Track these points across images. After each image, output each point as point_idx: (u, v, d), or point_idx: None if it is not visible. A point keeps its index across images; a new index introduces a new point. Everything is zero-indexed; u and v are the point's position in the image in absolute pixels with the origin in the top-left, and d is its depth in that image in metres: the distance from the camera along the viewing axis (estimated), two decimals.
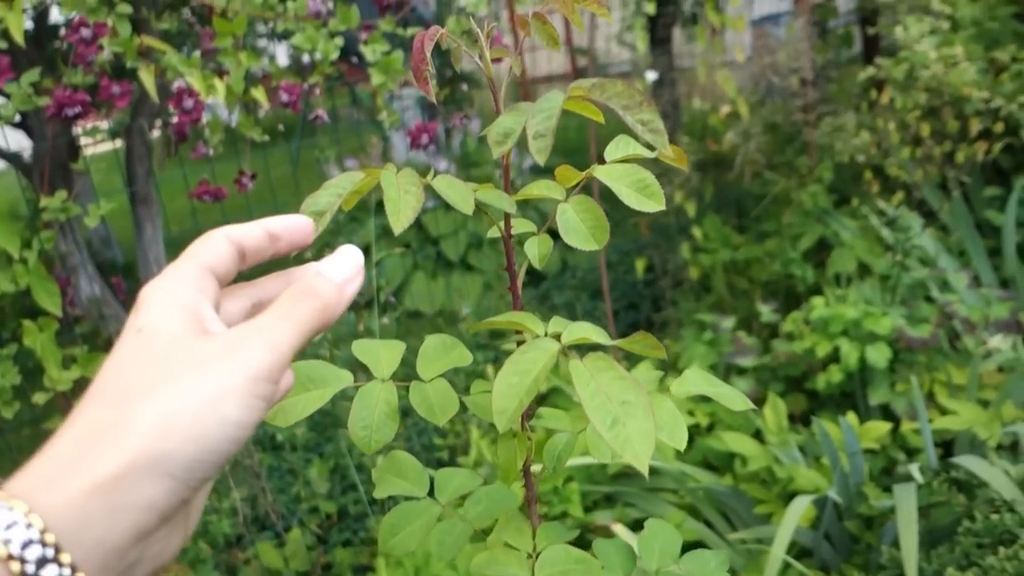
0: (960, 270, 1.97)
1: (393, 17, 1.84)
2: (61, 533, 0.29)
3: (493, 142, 0.48)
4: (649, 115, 0.43)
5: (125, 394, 0.33)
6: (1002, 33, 2.31)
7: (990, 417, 1.59)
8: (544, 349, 0.49)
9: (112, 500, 0.30)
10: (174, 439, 0.31)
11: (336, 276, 0.40)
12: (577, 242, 0.56)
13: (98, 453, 0.31)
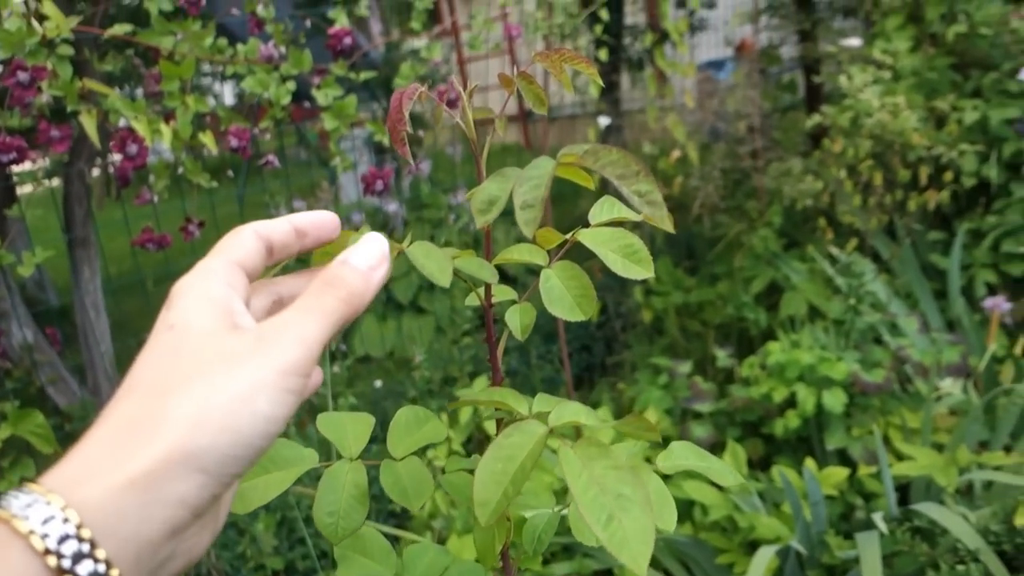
0: (910, 314, 2.00)
1: (345, 61, 1.81)
2: (96, 528, 0.29)
3: (477, 210, 0.45)
4: (647, 186, 0.40)
5: (159, 389, 0.33)
6: (940, 83, 2.39)
7: (946, 462, 1.60)
8: (530, 433, 0.45)
9: (146, 495, 0.31)
10: (207, 434, 0.32)
11: (362, 263, 0.40)
12: (562, 312, 0.53)
13: (132, 448, 0.31)
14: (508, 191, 0.45)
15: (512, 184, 0.45)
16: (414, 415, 0.61)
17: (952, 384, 1.86)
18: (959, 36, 2.37)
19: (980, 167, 2.27)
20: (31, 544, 0.28)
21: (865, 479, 1.79)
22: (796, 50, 3.04)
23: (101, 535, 0.30)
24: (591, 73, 0.51)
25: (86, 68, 1.79)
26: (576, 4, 2.46)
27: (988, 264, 2.22)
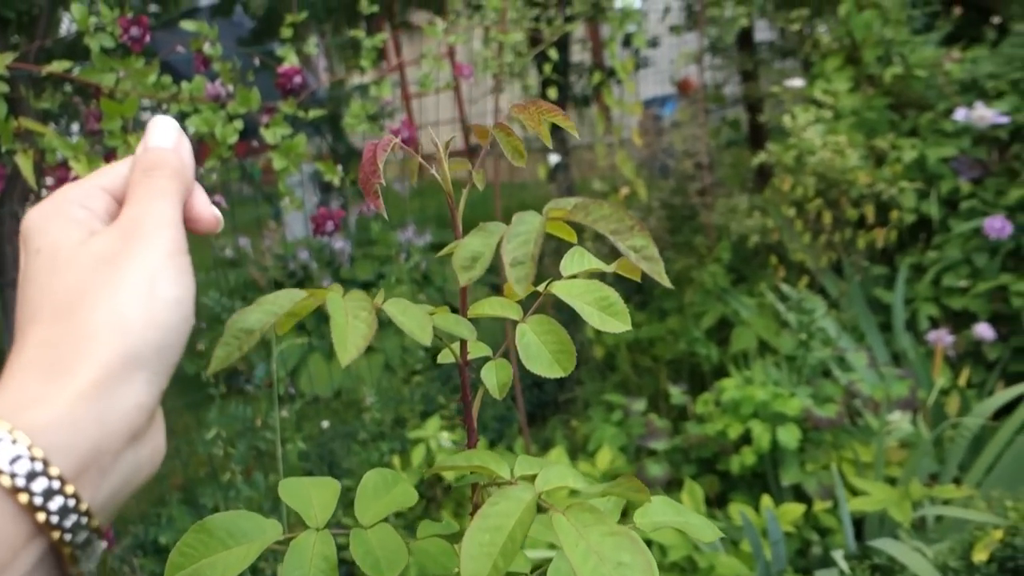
0: (858, 349, 2.03)
1: (295, 100, 1.78)
2: (52, 447, 0.29)
3: (460, 267, 0.43)
4: (642, 241, 0.39)
5: (63, 309, 0.33)
6: (879, 123, 2.46)
7: (900, 496, 1.61)
8: (517, 499, 0.43)
9: (99, 405, 0.31)
10: (135, 333, 0.33)
11: (165, 143, 0.41)
12: (541, 368, 0.51)
13: (68, 367, 0.31)
14: (492, 246, 0.43)
15: (496, 239, 0.43)
16: (382, 478, 0.57)
17: (901, 417, 1.89)
18: (896, 77, 2.45)
19: (919, 204, 2.34)
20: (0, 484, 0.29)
21: (821, 515, 1.79)
22: (739, 89, 3.11)
23: (58, 453, 0.30)
24: (569, 126, 0.50)
25: (21, 106, 1.73)
26: (525, 43, 2.48)
27: (930, 298, 2.27)
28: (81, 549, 0.31)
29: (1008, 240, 2.17)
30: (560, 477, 0.45)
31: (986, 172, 2.34)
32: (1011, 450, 1.69)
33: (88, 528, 0.31)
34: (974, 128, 2.30)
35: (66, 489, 0.30)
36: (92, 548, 0.31)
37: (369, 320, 0.43)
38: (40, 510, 0.29)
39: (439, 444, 2.30)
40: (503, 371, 0.51)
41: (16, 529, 0.29)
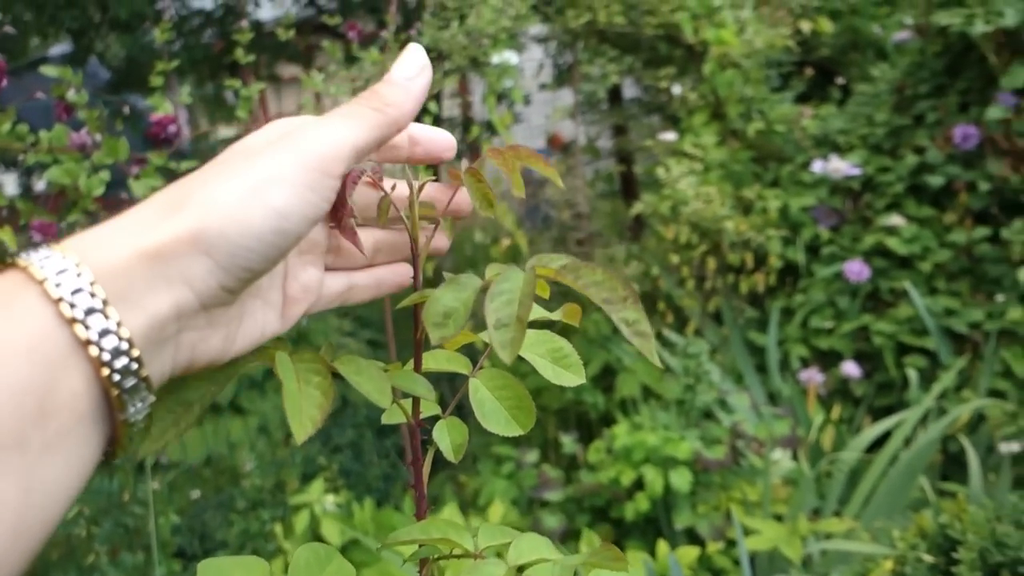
0: (739, 391, 2.10)
1: (166, 151, 1.69)
2: (108, 288, 0.30)
3: (431, 324, 0.39)
4: (635, 315, 0.36)
5: (193, 181, 0.34)
6: (744, 174, 2.60)
7: (790, 533, 1.66)
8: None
9: (153, 268, 0.31)
10: (216, 219, 0.32)
11: (397, 73, 0.40)
12: (497, 427, 0.47)
13: (152, 225, 0.32)
14: (466, 302, 0.40)
15: (470, 295, 0.40)
16: (314, 554, 0.52)
17: (783, 455, 1.96)
18: (758, 132, 2.60)
19: (785, 250, 2.47)
20: (46, 290, 0.29)
21: (714, 556, 1.82)
22: (611, 143, 3.22)
23: (113, 296, 0.30)
24: (552, 173, 0.48)
25: None
26: None
27: (799, 339, 2.39)
28: (129, 395, 0.31)
29: (866, 283, 2.32)
30: (535, 549, 0.42)
31: (842, 220, 2.50)
32: (885, 482, 1.78)
33: (138, 375, 0.31)
34: (830, 179, 2.46)
35: (121, 332, 0.30)
36: (140, 396, 0.31)
37: (324, 386, 0.39)
38: (92, 344, 0.29)
39: (324, 509, 2.19)
40: (456, 431, 0.48)
41: (74, 361, 0.29)
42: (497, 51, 2.67)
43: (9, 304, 0.29)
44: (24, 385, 0.28)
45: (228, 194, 0.33)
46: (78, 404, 0.29)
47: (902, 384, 2.25)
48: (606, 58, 2.97)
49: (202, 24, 4.46)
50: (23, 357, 0.28)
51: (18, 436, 0.27)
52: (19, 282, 0.30)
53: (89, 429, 0.30)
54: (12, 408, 0.27)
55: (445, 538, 0.43)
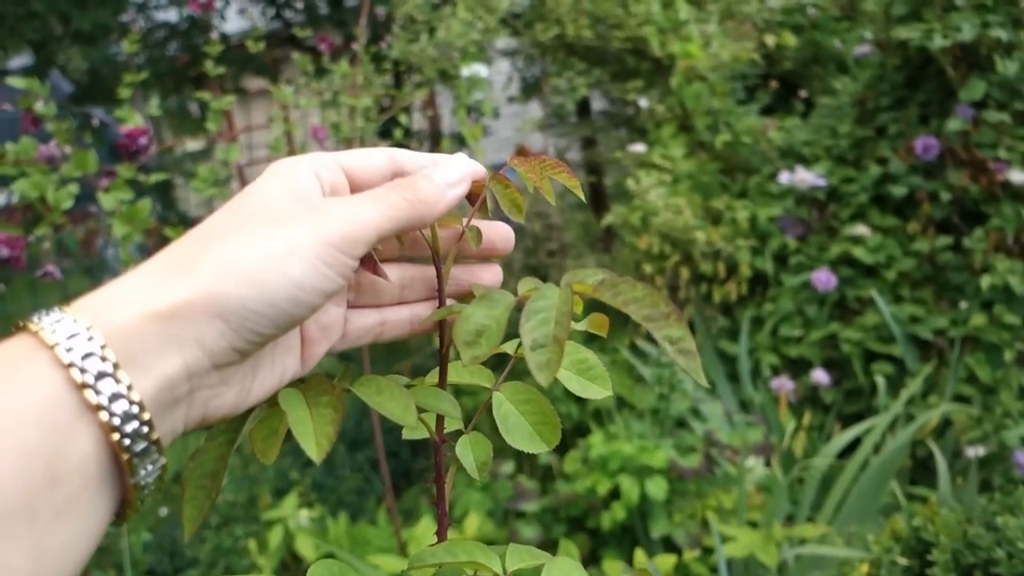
0: (712, 399, 2.12)
1: (134, 163, 1.67)
2: (117, 352, 0.30)
3: (463, 343, 0.38)
4: (679, 332, 0.36)
5: (206, 237, 0.34)
6: (712, 185, 2.63)
7: (765, 539, 1.67)
8: None
9: (164, 331, 0.31)
10: (232, 283, 0.32)
11: (439, 176, 0.40)
12: (521, 443, 0.46)
13: (165, 285, 0.32)
14: (499, 320, 0.39)
15: (503, 312, 0.39)
16: (327, 571, 0.51)
17: (756, 462, 1.98)
18: (725, 144, 2.64)
19: (754, 260, 2.50)
20: (56, 356, 0.29)
21: (691, 563, 1.83)
22: (580, 156, 3.24)
23: (124, 359, 0.30)
24: (575, 186, 0.47)
25: None
26: (375, 109, 2.47)
27: (769, 347, 2.42)
28: (139, 458, 0.31)
29: (834, 291, 2.36)
30: (566, 573, 0.41)
31: (809, 230, 2.54)
32: (857, 487, 1.80)
33: (148, 439, 0.31)
34: (796, 189, 2.50)
35: (132, 396, 0.30)
36: (150, 459, 0.31)
37: (333, 403, 0.38)
38: (102, 409, 0.29)
39: (298, 524, 2.17)
40: (480, 448, 0.47)
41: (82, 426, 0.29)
42: (467, 64, 2.68)
43: (19, 370, 0.29)
44: (33, 452, 0.28)
45: (247, 260, 0.33)
46: (87, 468, 0.29)
47: (870, 391, 2.29)
48: (574, 71, 2.99)
49: (167, 37, 4.42)
50: (32, 424, 0.28)
51: (27, 504, 0.27)
52: (30, 347, 0.30)
53: (99, 493, 0.30)
54: (21, 476, 0.27)
55: (472, 560, 0.42)
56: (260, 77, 4.96)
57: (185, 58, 4.52)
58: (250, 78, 5.11)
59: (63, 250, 4.53)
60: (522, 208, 0.45)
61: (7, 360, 0.29)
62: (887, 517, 1.77)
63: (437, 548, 0.42)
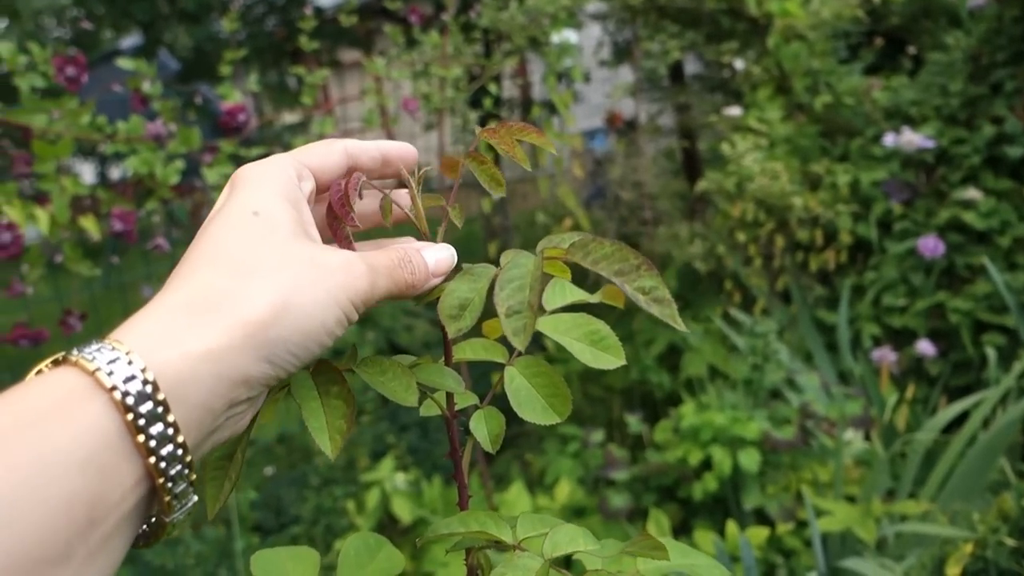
0: (808, 370, 2.07)
1: (235, 138, 1.73)
2: (169, 392, 0.31)
3: (447, 316, 0.39)
4: (651, 281, 0.36)
5: (246, 268, 0.35)
6: (811, 149, 2.53)
7: (863, 514, 1.63)
8: (525, 569, 0.39)
9: (219, 368, 0.32)
10: (284, 328, 0.34)
11: (432, 264, 0.43)
12: (533, 415, 0.47)
13: (213, 319, 0.32)
14: (481, 291, 0.40)
15: (485, 283, 0.40)
16: (364, 543, 0.52)
17: (855, 436, 1.92)
18: (825, 106, 2.53)
19: (855, 226, 2.41)
20: (114, 399, 0.29)
21: (784, 536, 1.80)
22: (673, 121, 3.17)
23: (172, 399, 0.31)
24: (546, 143, 0.48)
25: None
26: (465, 79, 2.48)
27: (871, 317, 2.33)
28: (177, 498, 0.32)
29: (941, 259, 2.25)
30: (570, 540, 0.42)
31: (915, 194, 2.43)
32: (963, 463, 1.73)
33: (187, 479, 0.32)
34: (902, 152, 2.38)
35: (177, 438, 0.31)
36: (186, 500, 0.32)
37: (343, 394, 0.40)
38: (152, 453, 0.30)
39: (394, 486, 2.23)
40: (493, 421, 0.48)
41: (128, 468, 0.29)
42: (556, 30, 2.65)
43: (72, 411, 0.29)
44: (78, 498, 0.28)
45: (296, 307, 0.35)
46: (124, 507, 0.30)
47: (979, 363, 2.18)
48: (667, 34, 2.92)
49: (265, 13, 4.53)
50: (79, 468, 0.28)
51: (65, 551, 0.27)
52: (85, 387, 0.29)
53: (130, 527, 0.30)
54: (63, 523, 0.27)
55: (483, 531, 0.43)
56: (353, 49, 5.04)
57: (282, 33, 4.63)
58: (344, 51, 5.20)
59: (173, 221, 4.76)
60: (501, 182, 0.46)
61: (58, 398, 0.29)
62: (995, 495, 1.69)
63: (452, 519, 0.43)
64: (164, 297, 0.34)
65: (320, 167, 0.43)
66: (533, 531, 0.45)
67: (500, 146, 0.47)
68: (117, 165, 4.35)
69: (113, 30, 4.07)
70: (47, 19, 4.71)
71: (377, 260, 0.40)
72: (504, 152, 0.47)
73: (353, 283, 0.37)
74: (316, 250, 0.37)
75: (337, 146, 0.43)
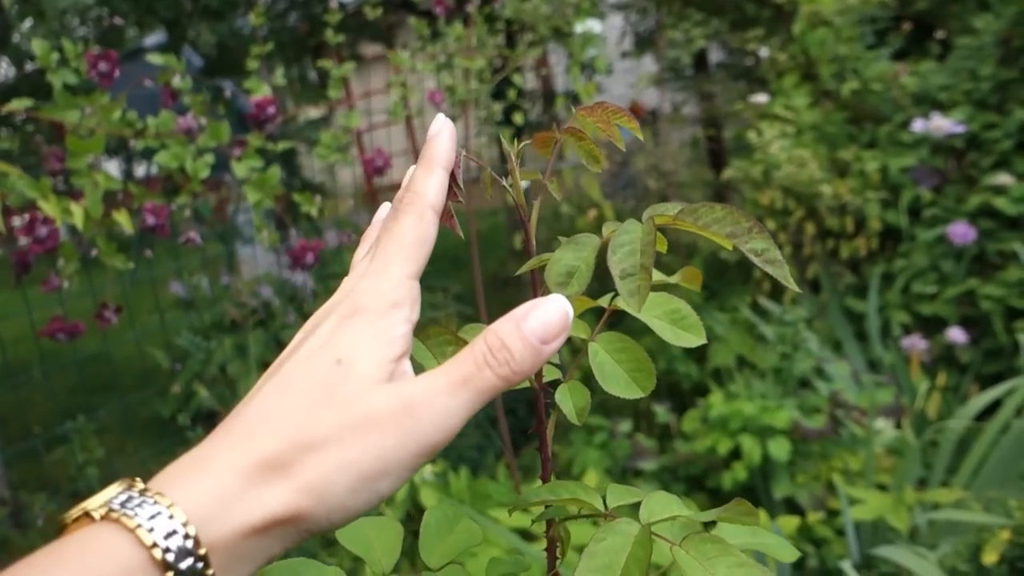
0: (838, 359, 2.05)
1: (262, 132, 1.74)
2: (216, 564, 0.30)
3: (554, 283, 0.40)
4: (763, 243, 0.37)
5: (301, 436, 0.33)
6: (838, 136, 2.51)
7: (896, 502, 1.62)
8: (624, 534, 0.40)
9: (259, 543, 0.32)
10: (325, 507, 0.32)
11: (536, 332, 0.35)
12: (618, 389, 0.49)
13: (262, 496, 0.32)
14: (587, 260, 0.41)
15: (591, 252, 0.41)
16: (443, 515, 0.54)
17: (885, 424, 1.91)
18: (852, 92, 2.51)
19: (884, 213, 2.38)
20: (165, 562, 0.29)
21: (815, 525, 1.79)
22: (697, 110, 3.15)
23: (218, 568, 0.30)
24: (633, 127, 0.48)
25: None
26: (488, 70, 2.48)
27: (900, 305, 2.31)
28: None
29: (972, 245, 2.22)
30: (665, 506, 0.42)
31: (944, 180, 2.40)
32: (997, 451, 1.71)
33: None
34: (931, 138, 2.36)
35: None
36: None
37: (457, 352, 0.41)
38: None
39: (422, 477, 2.25)
40: (579, 394, 0.49)
41: None
42: (580, 20, 2.64)
43: None
44: None
45: (343, 484, 0.32)
46: None
47: (1012, 350, 2.16)
48: (691, 22, 2.90)
49: (287, 8, 4.55)
50: None
51: None
52: (142, 562, 0.29)
53: None
54: None
55: (575, 498, 0.43)
56: (376, 43, 5.05)
57: (305, 28, 4.65)
58: (366, 45, 5.21)
59: (197, 217, 4.80)
60: (599, 159, 0.46)
61: (108, 561, 0.29)
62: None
63: (541, 488, 0.44)
64: (222, 452, 0.33)
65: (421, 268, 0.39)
66: (623, 500, 0.45)
67: (598, 125, 0.47)
68: (140, 163, 4.39)
69: (137, 27, 4.11)
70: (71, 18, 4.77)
71: (451, 385, 0.34)
72: (602, 132, 0.47)
73: (418, 438, 0.33)
74: (381, 401, 0.34)
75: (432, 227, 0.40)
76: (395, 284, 0.37)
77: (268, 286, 4.07)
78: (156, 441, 2.44)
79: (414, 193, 0.39)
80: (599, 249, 0.41)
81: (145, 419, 2.98)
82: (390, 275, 0.37)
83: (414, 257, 0.38)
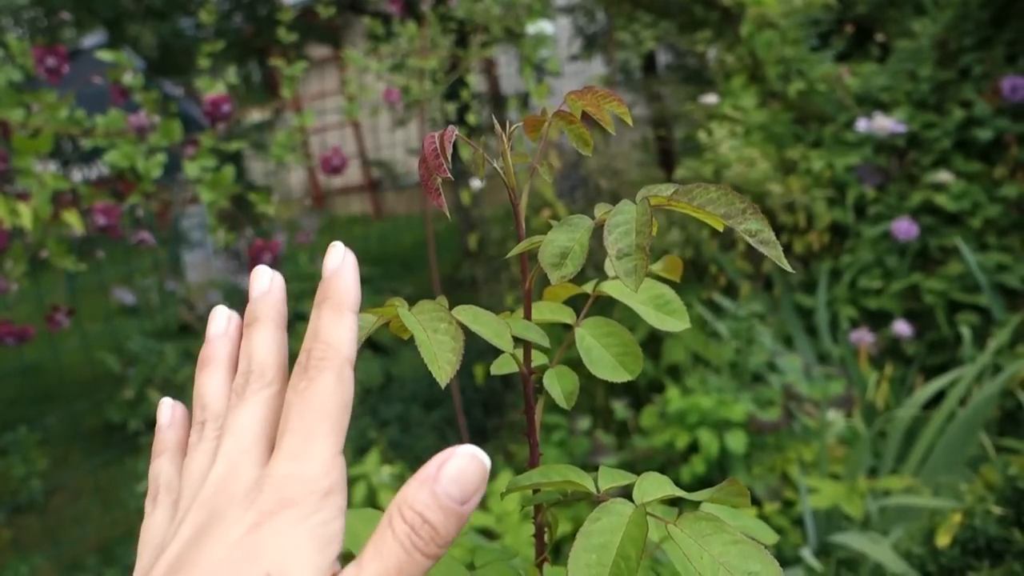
0: (790, 353, 2.10)
1: (216, 131, 1.71)
2: None
3: (548, 264, 0.40)
4: (757, 224, 0.37)
5: None
6: (786, 136, 2.57)
7: (849, 491, 1.66)
8: (618, 513, 0.40)
9: None
10: None
11: (454, 496, 0.30)
12: (605, 373, 0.49)
13: None
14: (581, 241, 0.41)
15: (584, 233, 0.41)
16: None
17: (836, 416, 1.95)
18: (799, 92, 2.57)
19: (831, 211, 2.45)
20: None
21: (772, 516, 1.83)
22: (647, 112, 3.19)
23: None
24: (623, 112, 0.48)
25: None
26: (441, 71, 2.47)
27: (848, 300, 2.38)
28: None
29: (915, 241, 2.30)
30: (658, 487, 0.43)
31: (888, 178, 2.47)
32: (944, 439, 1.77)
33: None
34: (874, 137, 2.43)
35: None
36: None
37: (452, 331, 0.41)
38: None
39: (380, 479, 2.23)
40: (567, 379, 0.49)
41: None
42: (532, 21, 2.66)
43: None
44: None
45: None
46: None
47: (954, 342, 2.23)
48: (641, 24, 2.94)
49: (231, 9, 4.47)
50: None
51: None
52: None
53: None
54: None
55: (567, 480, 0.44)
56: (324, 45, 5.00)
57: (250, 29, 4.58)
58: (314, 47, 5.16)
59: (137, 222, 4.69)
60: (589, 142, 0.47)
61: None
62: (974, 470, 1.73)
63: (532, 472, 0.44)
64: None
65: None
66: (614, 483, 0.46)
67: (589, 108, 0.48)
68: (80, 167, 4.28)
69: (75, 28, 4.00)
70: (3, 18, 4.62)
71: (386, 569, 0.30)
72: (593, 115, 0.48)
73: None
74: None
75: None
76: (325, 467, 0.31)
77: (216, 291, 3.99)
78: (102, 451, 2.37)
79: (326, 345, 0.33)
80: (592, 230, 0.42)
81: (91, 428, 2.90)
82: (317, 455, 0.31)
83: (339, 427, 0.32)
